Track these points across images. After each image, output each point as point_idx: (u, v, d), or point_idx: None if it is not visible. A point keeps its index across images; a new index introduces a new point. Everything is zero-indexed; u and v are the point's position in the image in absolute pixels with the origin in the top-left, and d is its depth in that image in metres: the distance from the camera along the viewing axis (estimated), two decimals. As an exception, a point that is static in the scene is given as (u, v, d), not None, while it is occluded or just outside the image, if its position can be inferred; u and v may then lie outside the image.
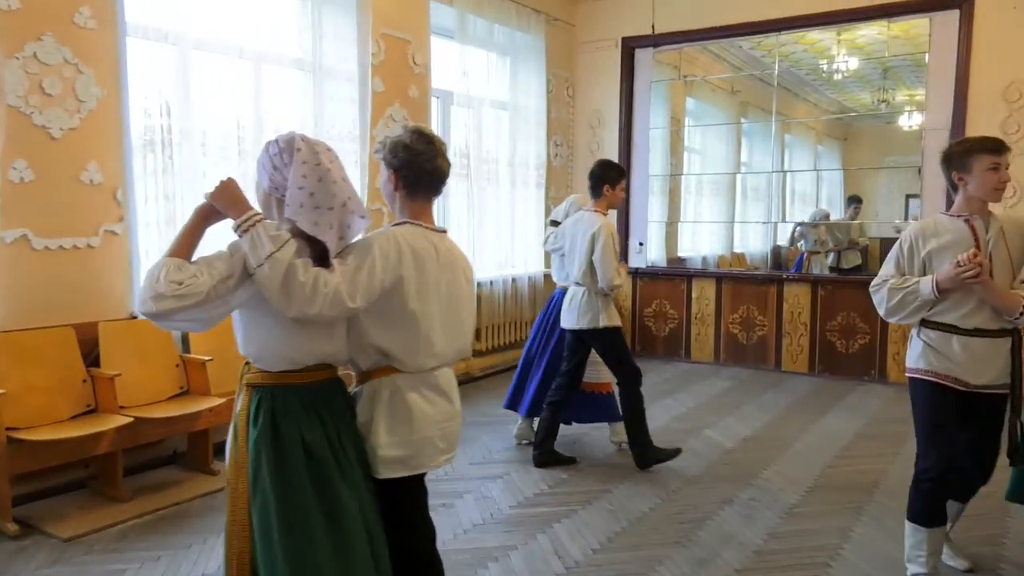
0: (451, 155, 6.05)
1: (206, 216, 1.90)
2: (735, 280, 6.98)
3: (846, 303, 6.46)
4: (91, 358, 3.76)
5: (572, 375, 4.28)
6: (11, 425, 3.34)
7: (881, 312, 2.82)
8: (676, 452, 4.24)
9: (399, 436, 2.04)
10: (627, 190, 7.37)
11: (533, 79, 6.81)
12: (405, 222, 2.12)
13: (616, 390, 4.30)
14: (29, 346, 3.54)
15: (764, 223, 7.30)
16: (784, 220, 7.21)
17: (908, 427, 3.08)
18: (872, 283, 2.83)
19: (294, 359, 1.93)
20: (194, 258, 1.85)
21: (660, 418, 5.19)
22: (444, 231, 2.19)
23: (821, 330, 6.55)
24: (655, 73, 7.30)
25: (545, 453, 4.26)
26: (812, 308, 6.60)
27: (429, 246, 2.09)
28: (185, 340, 4.12)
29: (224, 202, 1.88)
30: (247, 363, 1.98)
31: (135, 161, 4.00)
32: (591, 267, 4.09)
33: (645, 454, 4.18)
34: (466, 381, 6.26)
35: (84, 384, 3.69)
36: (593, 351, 4.29)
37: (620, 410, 4.28)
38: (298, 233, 1.88)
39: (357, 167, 5.15)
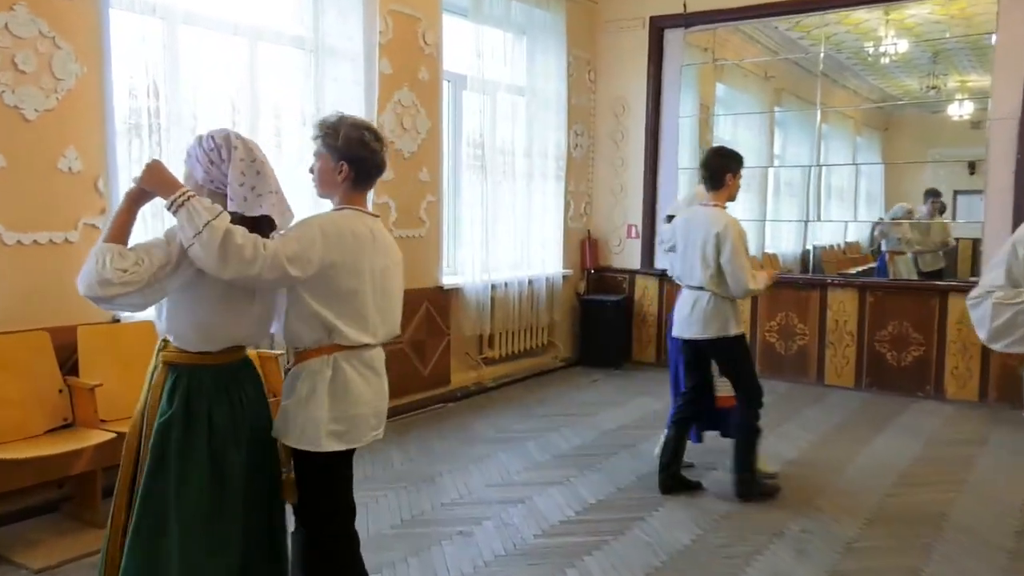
0: (463, 145, 6.09)
1: (136, 199, 2.15)
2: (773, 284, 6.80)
3: (898, 311, 6.30)
4: (68, 366, 3.65)
5: (701, 390, 4.14)
6: (-22, 442, 3.19)
7: (982, 335, 2.38)
8: (776, 490, 4.09)
9: (339, 411, 2.28)
10: (655, 185, 7.32)
11: (552, 61, 6.71)
12: (345, 207, 2.35)
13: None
14: (-1, 352, 3.40)
15: (798, 222, 7.14)
16: (819, 219, 7.05)
17: (974, 450, 2.91)
18: (969, 295, 2.45)
19: (214, 340, 2.21)
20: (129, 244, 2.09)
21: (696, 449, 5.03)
22: (378, 216, 2.44)
23: (869, 340, 6.40)
24: (685, 56, 7.17)
25: (671, 477, 4.09)
26: (859, 316, 6.44)
27: (366, 230, 2.33)
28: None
29: (154, 183, 2.12)
30: (165, 340, 2.23)
31: (119, 147, 3.89)
32: (719, 271, 3.88)
33: (751, 484, 4.00)
34: (478, 392, 6.15)
35: (60, 395, 3.58)
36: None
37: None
38: (240, 220, 2.13)
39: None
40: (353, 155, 2.31)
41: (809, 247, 7.17)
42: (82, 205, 3.75)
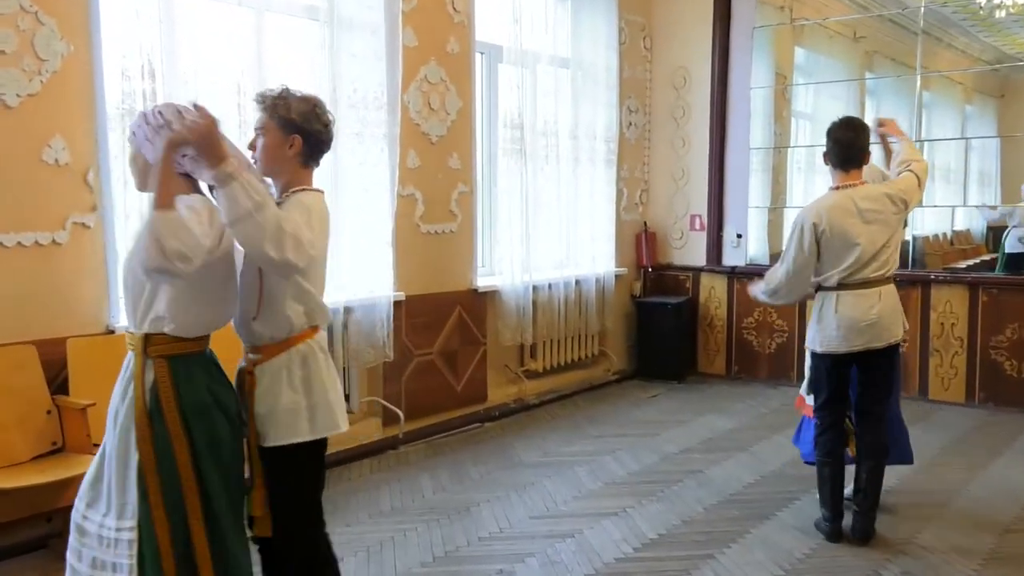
0: (499, 126, 6.08)
1: (175, 149, 2.31)
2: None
3: (1017, 312, 6.11)
4: (57, 384, 3.70)
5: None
6: (-44, 469, 3.26)
7: None
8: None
9: (335, 394, 2.58)
10: (722, 168, 7.22)
11: (601, 28, 6.67)
12: (312, 189, 2.55)
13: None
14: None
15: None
16: (921, 204, 6.84)
17: None
18: None
19: (215, 323, 2.48)
20: None
21: (771, 462, 5.00)
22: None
23: (983, 347, 6.24)
24: (757, 17, 7.07)
25: (873, 521, 3.90)
26: (970, 318, 6.28)
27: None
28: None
29: (205, 143, 2.27)
30: (148, 335, 2.39)
31: (111, 136, 3.93)
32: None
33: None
34: (519, 409, 6.16)
35: (49, 416, 3.63)
36: None
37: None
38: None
39: (385, 140, 5.01)
40: (306, 128, 2.48)
41: (908, 237, 6.97)
42: (71, 201, 3.81)
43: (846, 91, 7.59)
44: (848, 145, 3.81)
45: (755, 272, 7.09)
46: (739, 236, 7.27)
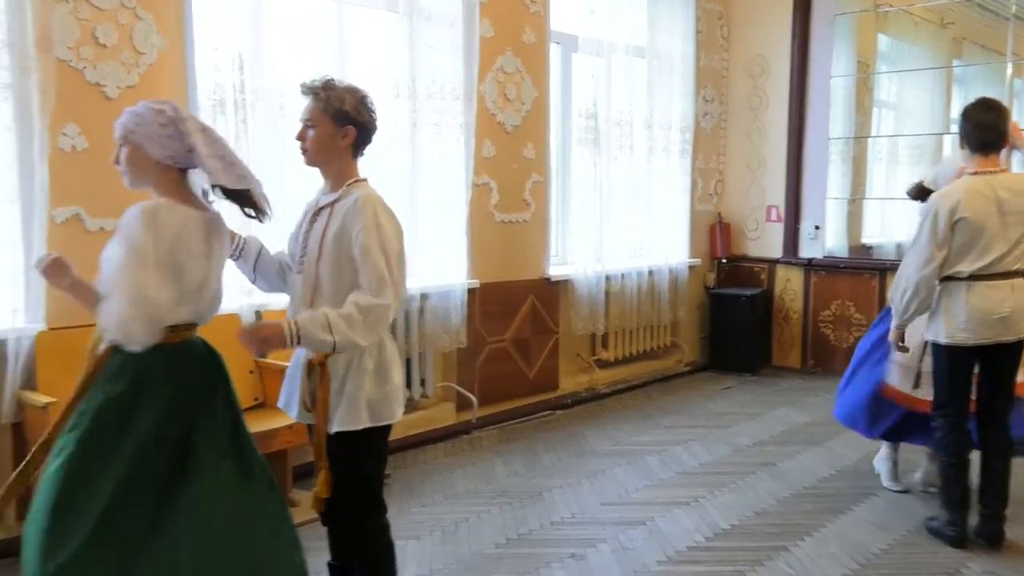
0: (573, 116, 6.09)
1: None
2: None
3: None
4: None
5: None
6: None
7: None
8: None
9: (400, 379, 2.67)
10: (800, 159, 7.10)
11: (678, 17, 6.64)
12: (363, 180, 2.60)
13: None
14: (79, 345, 3.64)
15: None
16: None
17: None
18: None
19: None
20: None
21: (847, 456, 4.92)
22: None
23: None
24: (839, 4, 6.93)
25: (1003, 522, 3.71)
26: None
27: None
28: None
29: (268, 343, 2.47)
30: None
31: (203, 125, 4.06)
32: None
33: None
34: (590, 398, 6.17)
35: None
36: None
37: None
38: (227, 195, 2.43)
39: (461, 130, 5.08)
40: (358, 119, 2.52)
41: None
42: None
43: (932, 79, 7.34)
44: (989, 127, 3.57)
45: (833, 264, 7.00)
46: (817, 228, 7.15)
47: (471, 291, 5.22)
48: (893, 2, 7.03)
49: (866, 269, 6.89)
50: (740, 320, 7.01)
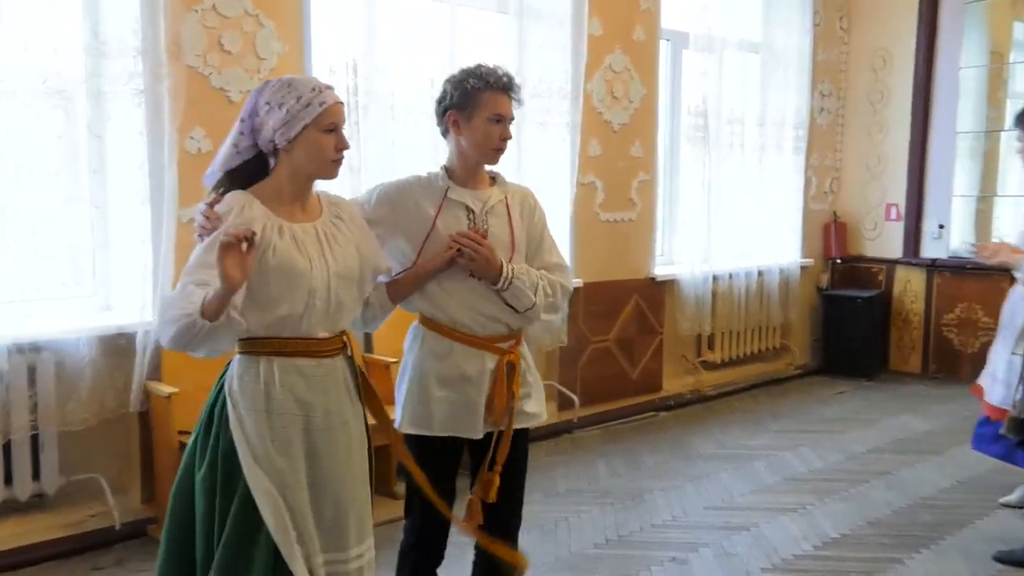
0: (683, 114, 6.02)
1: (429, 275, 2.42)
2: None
3: None
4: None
5: None
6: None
7: None
8: None
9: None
10: (924, 155, 6.82)
11: (795, 10, 6.51)
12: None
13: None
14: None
15: None
16: None
17: None
18: None
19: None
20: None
21: (972, 467, 4.65)
22: None
23: None
24: (969, -8, 6.60)
25: None
26: None
27: None
28: (368, 340, 4.29)
29: (486, 271, 2.38)
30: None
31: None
32: None
33: None
34: (695, 400, 6.10)
35: None
36: None
37: None
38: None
39: (567, 129, 5.09)
40: (459, 97, 2.56)
41: None
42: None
43: (1073, 69, 6.93)
44: None
45: (959, 265, 6.67)
46: (941, 227, 6.85)
47: (575, 290, 5.22)
48: (1030, -13, 6.65)
49: (996, 271, 6.51)
50: (855, 323, 6.78)
